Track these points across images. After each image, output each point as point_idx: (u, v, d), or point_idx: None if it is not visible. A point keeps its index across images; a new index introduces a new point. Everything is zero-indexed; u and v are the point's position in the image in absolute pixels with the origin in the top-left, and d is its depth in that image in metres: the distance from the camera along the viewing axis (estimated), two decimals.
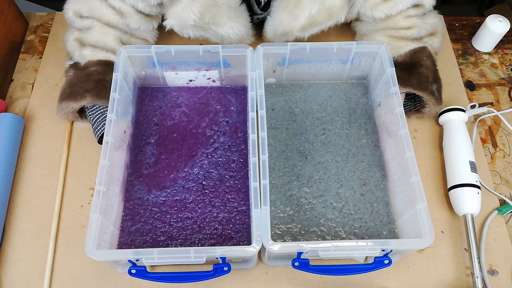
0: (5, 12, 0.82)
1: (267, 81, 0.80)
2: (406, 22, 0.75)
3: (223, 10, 0.71)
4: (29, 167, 0.73)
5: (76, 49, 0.73)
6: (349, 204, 0.69)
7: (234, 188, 0.70)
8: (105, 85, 0.71)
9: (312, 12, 0.71)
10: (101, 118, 0.71)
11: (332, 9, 0.71)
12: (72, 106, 0.71)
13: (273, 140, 0.75)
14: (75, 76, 0.72)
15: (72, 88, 0.71)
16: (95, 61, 0.72)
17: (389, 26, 0.76)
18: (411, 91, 0.72)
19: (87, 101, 0.70)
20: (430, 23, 0.76)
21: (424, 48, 0.75)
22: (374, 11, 0.74)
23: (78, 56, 0.73)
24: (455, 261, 0.68)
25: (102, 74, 0.71)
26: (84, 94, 0.70)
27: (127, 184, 0.70)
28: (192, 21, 0.71)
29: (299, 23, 0.72)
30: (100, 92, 0.70)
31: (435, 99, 0.73)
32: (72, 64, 0.74)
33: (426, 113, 0.77)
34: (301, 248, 0.56)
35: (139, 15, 0.73)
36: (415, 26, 0.74)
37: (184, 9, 0.69)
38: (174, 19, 0.72)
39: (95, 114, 0.72)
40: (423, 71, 0.73)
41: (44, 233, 0.68)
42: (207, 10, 0.70)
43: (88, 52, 0.72)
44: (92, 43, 0.73)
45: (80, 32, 0.73)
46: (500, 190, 0.75)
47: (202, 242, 0.66)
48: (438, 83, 0.75)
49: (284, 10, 0.72)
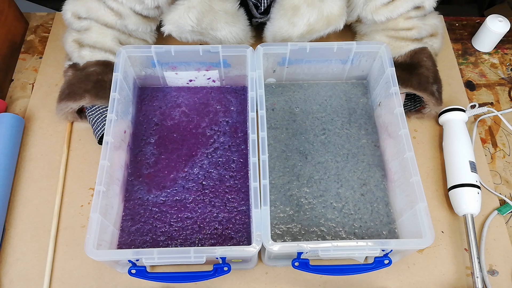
0: (5, 12, 0.82)
1: (267, 81, 0.80)
2: (407, 23, 0.75)
3: (220, 16, 0.71)
4: (29, 167, 0.73)
5: (75, 50, 0.73)
6: (349, 204, 0.69)
7: (234, 188, 0.70)
8: (104, 86, 0.71)
9: (310, 20, 0.71)
10: (100, 118, 0.71)
11: (331, 17, 0.71)
12: (71, 106, 0.71)
13: (273, 140, 0.75)
14: (74, 76, 0.72)
15: (71, 88, 0.71)
16: (93, 61, 0.72)
17: (390, 27, 0.76)
18: (411, 91, 0.72)
19: (86, 101, 0.70)
20: (431, 24, 0.76)
21: (424, 49, 0.75)
22: (375, 14, 0.74)
23: (77, 57, 0.73)
24: (455, 261, 0.68)
25: (101, 74, 0.71)
26: (83, 94, 0.70)
27: (127, 184, 0.70)
28: (189, 27, 0.71)
29: (298, 31, 0.73)
30: (99, 92, 0.70)
31: (436, 100, 0.73)
32: (71, 65, 0.74)
33: (426, 114, 0.77)
34: (301, 248, 0.56)
35: (137, 16, 0.73)
36: (415, 27, 0.74)
37: (181, 15, 0.69)
38: (171, 25, 0.72)
39: (95, 114, 0.72)
40: (424, 72, 0.73)
41: (44, 233, 0.68)
42: (204, 16, 0.70)
43: (86, 53, 0.73)
44: (91, 44, 0.73)
45: (78, 33, 0.73)
46: (500, 190, 0.75)
47: (202, 242, 0.66)
48: (438, 84, 0.75)
49: (282, 18, 0.72)
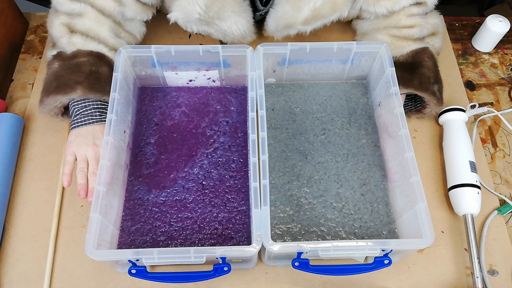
0: (5, 12, 0.82)
1: (267, 81, 0.80)
2: (409, 21, 0.74)
3: (228, 3, 0.70)
4: (29, 167, 0.73)
5: (64, 35, 0.68)
6: (349, 204, 0.69)
7: (234, 188, 0.70)
8: (99, 78, 0.67)
9: (316, 5, 0.70)
10: (84, 109, 0.67)
11: (337, 2, 0.71)
12: (61, 100, 0.67)
13: (273, 140, 0.75)
14: (61, 67, 0.67)
15: (60, 80, 0.66)
16: (85, 51, 0.68)
17: (391, 25, 0.76)
18: (412, 92, 0.72)
19: (78, 94, 0.66)
20: (432, 23, 0.76)
21: (425, 49, 0.75)
22: (377, 6, 0.73)
23: (66, 43, 0.68)
24: (455, 261, 0.68)
25: (95, 65, 0.67)
26: (74, 86, 0.66)
27: (127, 184, 0.70)
28: (197, 14, 0.69)
29: (303, 16, 0.72)
30: (94, 85, 0.66)
31: (437, 100, 0.73)
32: (56, 55, 0.69)
33: (427, 114, 0.77)
34: (301, 248, 0.56)
35: (136, 4, 0.71)
36: (417, 25, 0.74)
37: (190, 2, 0.68)
38: (179, 12, 0.70)
39: (80, 105, 0.68)
40: (425, 72, 0.73)
41: (44, 233, 0.68)
42: (212, 3, 0.69)
43: (78, 40, 0.68)
44: (83, 31, 0.68)
45: (69, 17, 0.69)
46: (500, 190, 0.75)
47: (202, 242, 0.66)
48: (439, 84, 0.75)
49: (288, 2, 0.72)
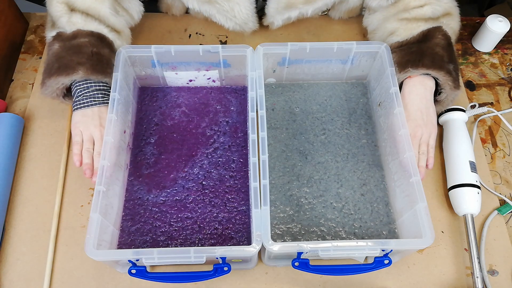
0: (5, 12, 0.82)
1: (267, 81, 0.80)
2: (418, 1, 0.70)
3: None
4: (29, 167, 0.73)
5: (64, 15, 0.66)
6: (349, 204, 0.69)
7: (234, 188, 0.70)
8: (101, 59, 0.65)
9: None
10: (86, 91, 0.66)
11: None
12: (63, 81, 0.65)
13: (273, 140, 0.75)
14: (62, 48, 0.65)
15: (61, 61, 0.65)
16: (86, 31, 0.66)
17: (400, 9, 0.72)
18: (424, 71, 0.66)
19: (80, 75, 0.64)
20: (445, 1, 0.72)
21: (439, 27, 0.70)
22: None
23: (66, 22, 0.66)
24: (455, 261, 0.68)
25: (96, 47, 0.65)
26: (76, 67, 0.64)
27: (127, 184, 0.70)
28: None
29: None
30: (96, 66, 0.65)
31: (452, 80, 0.66)
32: (56, 36, 0.67)
33: (441, 101, 0.71)
34: (301, 248, 0.56)
35: None
36: (428, 3, 0.70)
37: None
38: None
39: (82, 87, 0.67)
40: (438, 51, 0.67)
41: (44, 233, 0.68)
42: None
43: (78, 20, 0.66)
44: (83, 9, 0.66)
45: None
46: (500, 190, 0.75)
47: (202, 242, 0.66)
48: (454, 64, 0.68)
49: None
